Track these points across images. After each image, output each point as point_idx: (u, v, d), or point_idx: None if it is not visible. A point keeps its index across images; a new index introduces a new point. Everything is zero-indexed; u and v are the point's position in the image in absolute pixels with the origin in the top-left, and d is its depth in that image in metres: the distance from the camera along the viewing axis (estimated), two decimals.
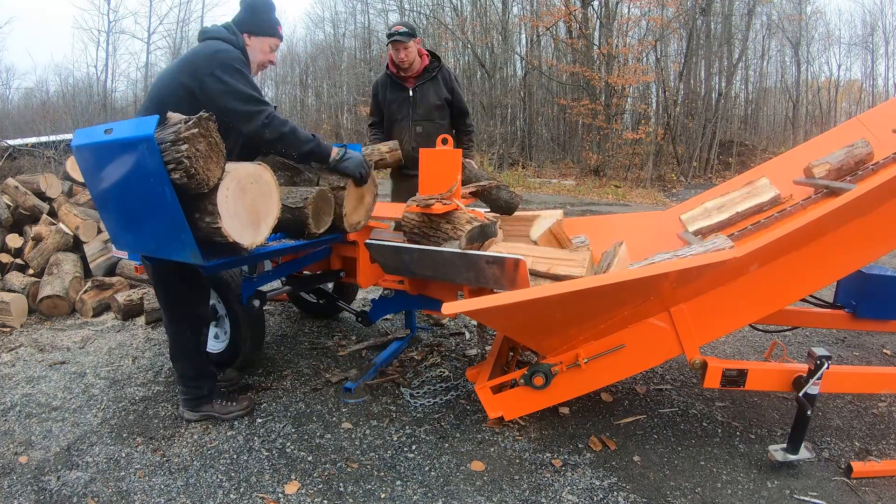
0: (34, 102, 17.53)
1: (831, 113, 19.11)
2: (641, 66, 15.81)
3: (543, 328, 2.22)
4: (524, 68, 18.04)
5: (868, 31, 19.90)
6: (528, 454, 2.32)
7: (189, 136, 1.84)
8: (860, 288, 2.74)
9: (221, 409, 2.56)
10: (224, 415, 2.56)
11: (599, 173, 15.04)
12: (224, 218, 1.95)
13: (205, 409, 2.55)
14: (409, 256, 2.39)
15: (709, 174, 15.79)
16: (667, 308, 2.21)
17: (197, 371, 2.53)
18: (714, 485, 2.14)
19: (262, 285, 2.80)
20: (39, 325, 3.87)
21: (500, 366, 2.63)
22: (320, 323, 3.89)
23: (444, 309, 1.95)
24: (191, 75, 2.24)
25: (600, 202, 11.45)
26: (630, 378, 2.88)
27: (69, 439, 2.43)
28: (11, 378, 3.03)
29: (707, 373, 2.21)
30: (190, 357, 2.51)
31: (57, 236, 4.38)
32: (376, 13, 22.38)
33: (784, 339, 3.62)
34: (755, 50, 18.14)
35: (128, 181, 2.01)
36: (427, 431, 2.48)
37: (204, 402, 2.55)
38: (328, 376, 3.01)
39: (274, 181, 2.15)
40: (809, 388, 2.11)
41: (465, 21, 18.58)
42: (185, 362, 2.52)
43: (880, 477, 2.19)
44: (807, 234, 2.12)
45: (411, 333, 3.51)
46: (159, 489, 2.09)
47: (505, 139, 17.29)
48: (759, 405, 2.74)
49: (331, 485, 2.12)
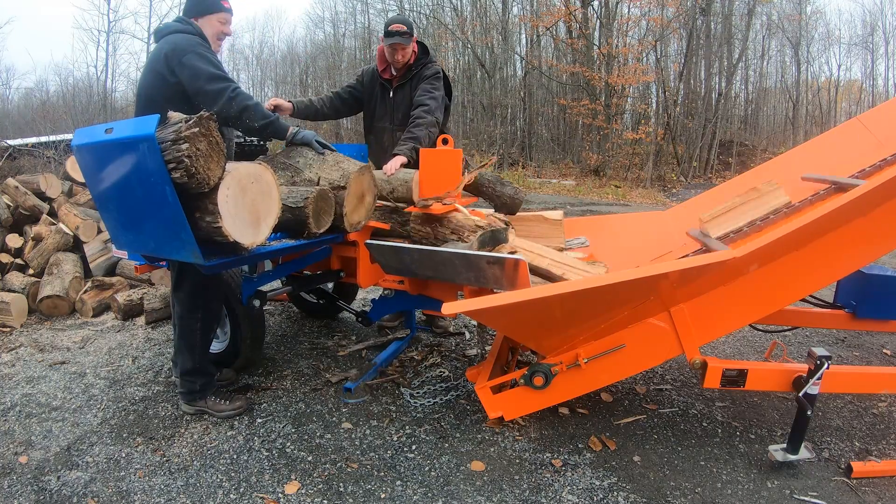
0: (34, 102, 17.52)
1: (831, 113, 19.11)
2: (641, 66, 15.82)
3: (543, 328, 2.22)
4: (524, 68, 18.05)
5: (868, 31, 19.92)
6: (528, 454, 2.32)
7: (190, 136, 1.84)
8: (860, 288, 2.74)
9: (214, 407, 2.61)
10: (216, 413, 2.60)
11: (599, 173, 15.05)
12: (224, 217, 1.95)
13: (199, 404, 2.62)
14: (410, 256, 2.39)
15: (709, 174, 15.79)
16: (667, 308, 2.21)
17: (194, 366, 2.58)
18: (714, 485, 2.14)
19: (263, 285, 2.80)
20: (39, 325, 3.87)
21: (500, 366, 2.63)
22: (320, 323, 3.89)
23: (444, 309, 1.95)
24: (160, 72, 2.41)
25: (600, 202, 11.45)
26: (630, 378, 2.88)
27: (69, 439, 2.43)
28: (11, 378, 3.03)
29: (707, 373, 2.21)
30: (193, 351, 2.57)
31: (57, 236, 4.38)
32: (376, 13, 22.40)
33: (784, 339, 3.62)
34: (755, 50, 18.16)
35: (128, 180, 2.01)
36: (427, 431, 2.48)
37: (197, 397, 2.61)
38: (328, 376, 3.01)
39: (274, 181, 2.15)
40: (809, 388, 2.11)
41: (465, 21, 18.59)
42: (187, 355, 2.57)
43: (880, 477, 2.19)
44: (807, 234, 2.12)
45: (411, 333, 3.51)
46: (159, 489, 2.09)
47: (505, 139, 17.30)
48: (759, 405, 2.74)
49: (331, 485, 2.12)
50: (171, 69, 2.39)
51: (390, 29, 3.17)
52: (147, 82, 2.50)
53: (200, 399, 2.60)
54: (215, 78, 2.39)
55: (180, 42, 2.43)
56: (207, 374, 2.63)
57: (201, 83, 2.37)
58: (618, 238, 3.07)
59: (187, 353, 2.57)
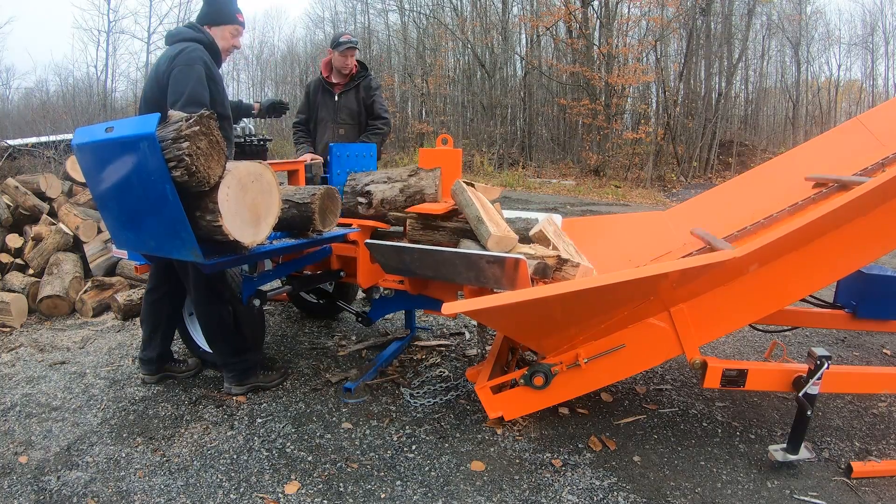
0: (34, 102, 17.49)
1: (831, 113, 19.09)
2: (641, 66, 15.80)
3: (543, 328, 2.22)
4: (524, 68, 18.03)
5: (868, 31, 19.89)
6: (528, 454, 2.32)
7: (190, 134, 1.84)
8: (860, 288, 2.74)
9: (265, 379, 2.81)
10: (269, 384, 2.78)
11: (599, 173, 15.04)
12: (225, 216, 1.95)
13: (251, 380, 2.75)
14: (410, 256, 2.39)
15: (709, 174, 15.77)
16: (667, 308, 2.21)
17: (238, 346, 2.71)
18: (714, 485, 2.14)
19: (263, 284, 2.81)
20: (39, 325, 3.87)
21: (500, 366, 2.63)
22: (320, 323, 3.89)
23: (444, 309, 1.95)
24: (162, 75, 2.45)
25: (600, 202, 11.44)
26: (630, 378, 2.88)
27: (69, 439, 2.42)
28: (11, 378, 3.02)
29: (707, 373, 2.21)
30: (227, 335, 2.69)
31: (57, 236, 4.37)
32: (376, 13, 22.41)
33: (784, 339, 3.62)
34: (755, 50, 18.12)
35: (129, 179, 2.01)
36: (427, 431, 2.48)
37: (251, 373, 2.74)
38: (328, 376, 3.01)
39: (275, 180, 2.15)
40: (809, 388, 2.11)
41: (465, 21, 18.58)
42: (225, 342, 2.69)
43: (880, 477, 2.19)
44: (807, 234, 2.12)
45: (411, 333, 3.51)
46: (159, 489, 2.09)
47: (505, 139, 17.29)
48: (759, 405, 2.74)
49: (331, 485, 2.12)
50: (167, 76, 2.42)
51: (342, 39, 3.85)
52: (149, 85, 2.54)
53: (252, 376, 2.74)
54: (193, 103, 2.35)
55: (185, 52, 2.45)
56: (250, 349, 2.77)
57: (178, 99, 2.35)
58: (617, 238, 3.07)
59: (224, 340, 2.69)
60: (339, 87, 4.00)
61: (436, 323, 3.84)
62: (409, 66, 20.58)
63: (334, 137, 3.98)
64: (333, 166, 3.08)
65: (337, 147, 3.09)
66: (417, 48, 20.33)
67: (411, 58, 20.69)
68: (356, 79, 4.00)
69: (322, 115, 4.04)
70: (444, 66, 19.98)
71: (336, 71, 3.96)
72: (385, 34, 22.51)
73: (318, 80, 4.09)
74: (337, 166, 3.06)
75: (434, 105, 19.84)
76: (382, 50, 22.23)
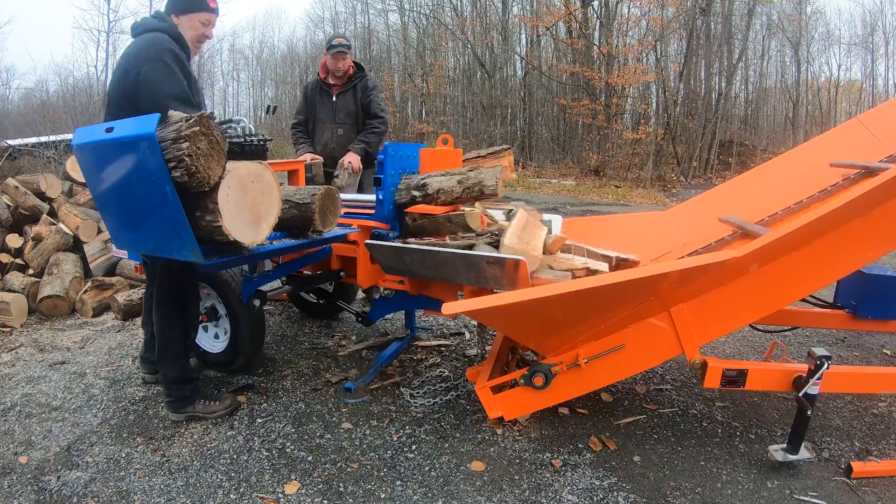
0: (34, 102, 17.49)
1: (831, 113, 19.08)
2: (641, 66, 15.81)
3: (543, 328, 2.22)
4: (524, 68, 18.05)
5: (868, 31, 19.89)
6: (528, 454, 2.32)
7: (190, 134, 1.84)
8: (860, 288, 2.74)
9: (205, 409, 2.56)
10: (209, 415, 2.56)
11: (599, 173, 15.04)
12: (225, 216, 1.95)
13: (188, 410, 2.55)
14: (410, 257, 2.39)
15: (709, 174, 15.78)
16: (667, 308, 2.21)
17: (181, 373, 2.53)
18: (714, 485, 2.14)
19: (263, 285, 2.80)
20: (39, 325, 3.87)
21: (500, 366, 2.62)
22: (320, 323, 3.89)
23: (444, 309, 1.95)
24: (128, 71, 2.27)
25: (600, 202, 11.44)
26: (630, 378, 2.88)
27: (69, 439, 2.42)
28: (11, 378, 3.02)
29: (707, 373, 2.21)
30: (177, 359, 2.51)
31: (57, 236, 4.37)
32: (376, 13, 22.42)
33: (784, 339, 3.62)
34: (755, 50, 18.13)
35: (128, 179, 2.01)
36: (427, 431, 2.48)
37: (187, 402, 2.54)
38: (328, 376, 3.01)
39: (275, 180, 2.15)
40: (809, 388, 2.11)
41: (465, 21, 18.59)
42: (172, 364, 2.51)
43: (880, 477, 2.19)
44: (806, 234, 2.12)
45: (411, 333, 3.51)
46: (159, 489, 2.09)
47: (505, 139, 17.28)
48: (759, 405, 2.74)
49: (331, 485, 2.12)
50: (137, 71, 2.24)
51: (334, 42, 3.90)
52: (114, 80, 2.35)
53: (190, 405, 2.54)
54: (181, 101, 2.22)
55: (149, 45, 2.27)
56: (193, 379, 2.59)
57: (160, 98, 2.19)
58: (617, 238, 3.06)
59: (172, 362, 2.50)
60: (336, 87, 4.04)
61: (436, 323, 3.84)
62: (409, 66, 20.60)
63: (333, 138, 4.03)
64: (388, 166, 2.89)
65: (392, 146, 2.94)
66: (417, 48, 20.35)
67: (411, 58, 20.71)
68: (353, 79, 4.04)
69: (320, 115, 4.07)
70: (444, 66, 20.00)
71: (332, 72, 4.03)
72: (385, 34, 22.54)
73: (316, 81, 4.12)
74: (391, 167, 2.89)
75: (434, 105, 19.85)
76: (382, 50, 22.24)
